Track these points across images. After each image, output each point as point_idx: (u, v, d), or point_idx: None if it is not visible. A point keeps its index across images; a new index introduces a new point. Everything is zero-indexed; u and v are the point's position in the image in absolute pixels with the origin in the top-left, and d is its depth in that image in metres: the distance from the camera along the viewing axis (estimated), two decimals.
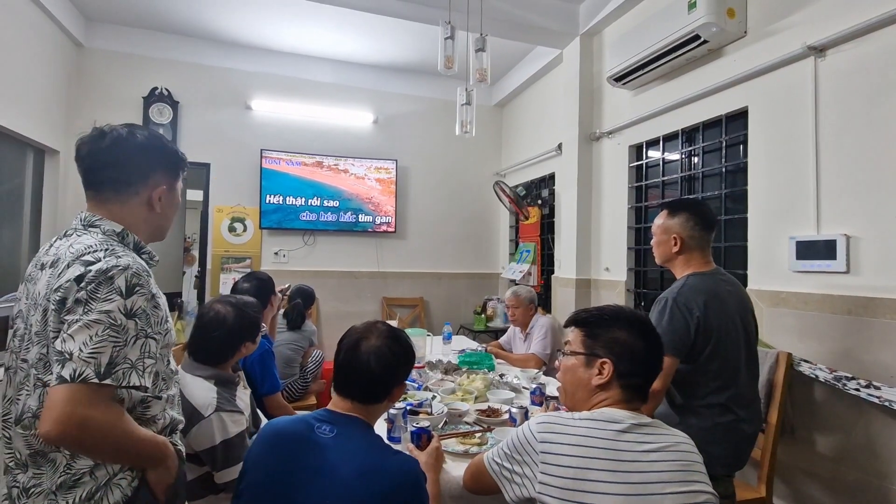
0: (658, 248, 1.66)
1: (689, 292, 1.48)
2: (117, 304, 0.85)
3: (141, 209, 1.03)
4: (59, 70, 3.57)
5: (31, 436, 0.90)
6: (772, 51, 2.18)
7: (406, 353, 1.16)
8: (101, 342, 0.83)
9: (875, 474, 1.77)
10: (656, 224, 1.67)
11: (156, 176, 1.04)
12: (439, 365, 2.43)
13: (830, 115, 1.95)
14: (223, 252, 4.21)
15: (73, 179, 3.78)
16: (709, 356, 1.45)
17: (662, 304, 1.50)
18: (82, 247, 0.91)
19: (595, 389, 1.06)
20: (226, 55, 4.19)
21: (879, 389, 1.70)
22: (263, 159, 4.23)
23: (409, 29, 3.72)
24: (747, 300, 1.62)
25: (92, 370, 0.81)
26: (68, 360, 0.81)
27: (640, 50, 2.68)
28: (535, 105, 4.43)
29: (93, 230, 0.98)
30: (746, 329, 1.55)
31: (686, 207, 1.62)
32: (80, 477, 0.89)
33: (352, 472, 0.97)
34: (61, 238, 0.99)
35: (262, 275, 2.27)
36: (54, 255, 0.94)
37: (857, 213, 1.85)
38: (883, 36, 1.78)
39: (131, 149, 1.01)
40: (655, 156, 3.00)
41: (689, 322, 1.43)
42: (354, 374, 1.09)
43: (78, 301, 0.84)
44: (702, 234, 1.58)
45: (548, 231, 4.11)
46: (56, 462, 0.89)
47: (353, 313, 4.51)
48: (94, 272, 0.86)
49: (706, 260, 1.60)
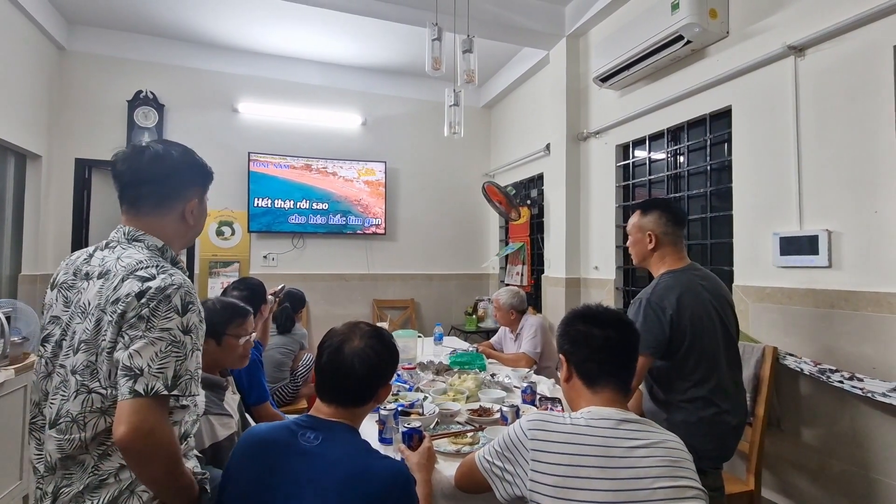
0: (634, 248, 1.72)
1: (663, 291, 1.52)
2: (176, 322, 0.93)
3: (176, 223, 1.09)
4: (41, 73, 3.51)
5: (66, 440, 0.92)
6: (753, 51, 2.22)
7: (391, 353, 1.13)
8: (166, 357, 0.90)
9: (859, 464, 1.81)
10: (631, 224, 1.74)
11: (190, 191, 1.10)
12: (431, 366, 2.43)
13: (811, 113, 1.99)
14: (211, 256, 4.16)
15: (55, 184, 3.72)
16: (686, 351, 1.48)
17: (637, 305, 1.55)
18: (133, 261, 0.97)
19: (573, 390, 1.10)
20: (212, 58, 4.16)
21: (862, 381, 1.73)
22: (251, 162, 4.20)
23: (396, 31, 3.72)
24: (725, 293, 1.64)
25: (161, 383, 0.89)
26: (140, 375, 0.88)
27: (625, 50, 2.72)
28: (523, 106, 4.45)
29: (137, 244, 1.02)
30: (724, 322, 1.57)
31: (657, 206, 1.69)
32: (105, 477, 0.93)
33: (339, 479, 0.95)
34: (102, 249, 1.03)
35: (253, 281, 2.23)
36: (100, 267, 0.98)
37: (837, 208, 1.89)
38: (860, 35, 1.82)
39: (169, 166, 1.05)
40: (642, 155, 3.04)
41: (662, 320, 1.47)
42: (339, 377, 1.07)
43: (141, 318, 0.90)
44: (674, 229, 1.64)
45: (537, 231, 4.13)
46: (85, 463, 0.93)
47: (343, 316, 4.48)
48: (154, 290, 0.92)
49: (680, 255, 1.65)
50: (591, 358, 1.07)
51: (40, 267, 3.57)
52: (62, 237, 3.75)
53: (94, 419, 0.92)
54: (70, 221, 3.78)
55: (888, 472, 1.73)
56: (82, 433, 0.92)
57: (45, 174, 3.61)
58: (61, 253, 3.66)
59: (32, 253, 3.53)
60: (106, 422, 0.93)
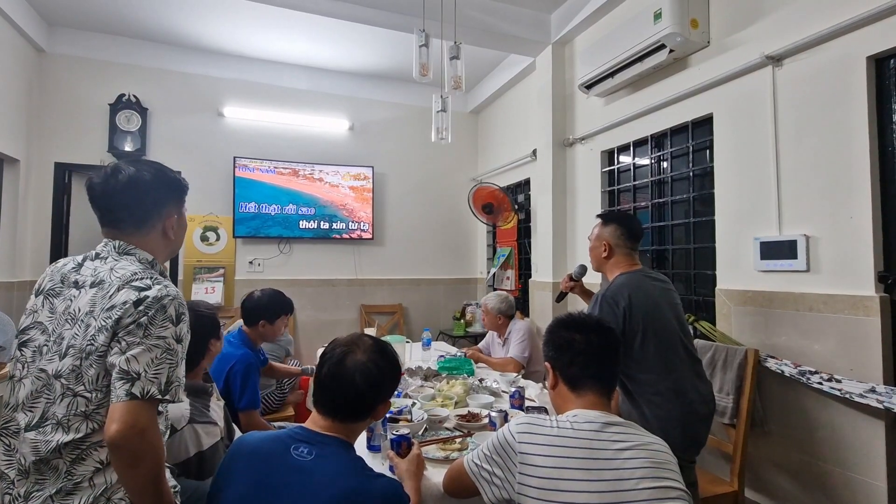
0: (591, 253, 1.88)
1: (616, 288, 1.67)
2: (171, 332, 0.97)
3: (158, 239, 1.12)
4: (19, 76, 3.44)
5: (43, 442, 0.93)
6: (733, 60, 2.27)
7: (393, 369, 1.12)
8: (161, 364, 0.94)
9: (839, 464, 1.85)
10: (592, 231, 1.89)
11: (167, 208, 1.12)
12: (419, 371, 2.42)
13: (788, 121, 2.04)
14: (195, 262, 4.10)
15: (33, 190, 3.64)
16: (642, 340, 1.59)
17: (594, 301, 1.72)
18: (128, 273, 1.00)
19: (559, 396, 1.13)
20: (197, 61, 4.11)
21: (840, 382, 1.78)
22: (236, 167, 4.15)
23: (383, 36, 3.72)
24: (673, 292, 1.76)
25: (156, 388, 0.93)
26: (136, 379, 0.91)
27: (610, 58, 2.77)
28: (510, 112, 4.49)
29: (129, 257, 1.05)
30: (678, 317, 1.70)
31: (616, 220, 1.84)
32: (79, 481, 0.93)
33: (333, 497, 0.93)
34: (93, 260, 1.05)
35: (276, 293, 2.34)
36: (93, 276, 1.01)
37: (815, 214, 1.94)
38: (835, 46, 1.88)
39: (143, 189, 1.07)
40: (627, 161, 3.08)
41: (615, 312, 1.61)
42: (339, 390, 1.04)
43: (139, 325, 0.94)
44: (627, 242, 1.78)
45: (524, 235, 4.16)
46: (58, 468, 0.93)
47: (330, 322, 4.45)
48: (151, 299, 0.96)
49: (632, 262, 1.78)
50: (573, 362, 1.11)
51: (18, 274, 3.48)
52: (41, 243, 3.65)
53: (77, 423, 0.94)
54: (49, 227, 3.68)
55: (866, 470, 1.77)
56: (64, 435, 0.93)
57: (23, 179, 3.52)
58: (40, 259, 3.58)
59: (10, 260, 3.44)
60: (87, 426, 0.94)
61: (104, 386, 0.94)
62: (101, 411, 0.94)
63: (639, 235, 1.81)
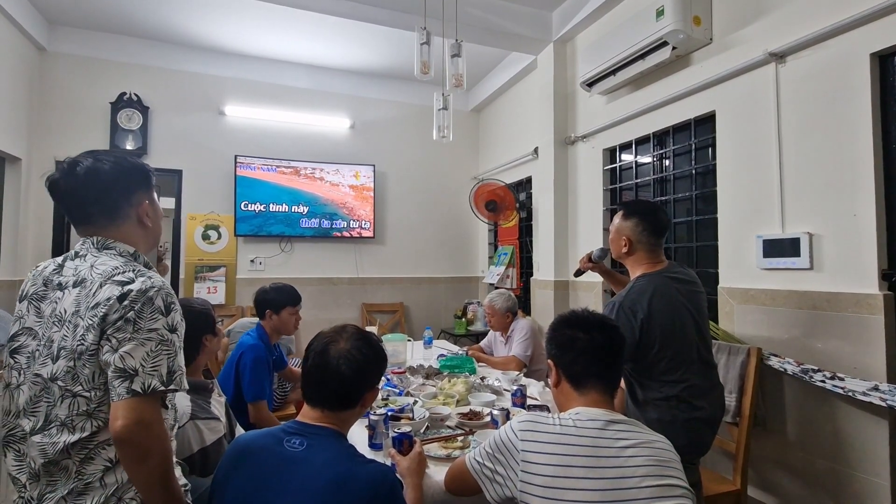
0: (612, 245, 1.75)
1: (635, 295, 1.55)
2: (162, 323, 0.95)
3: (136, 229, 1.08)
4: (20, 74, 3.44)
5: (50, 444, 0.92)
6: (736, 57, 2.26)
7: (377, 355, 1.13)
8: (158, 356, 0.93)
9: (842, 462, 1.84)
10: (612, 222, 1.75)
11: (136, 195, 1.09)
12: (420, 370, 2.42)
13: (791, 118, 2.03)
14: (197, 260, 4.10)
15: (35, 188, 3.64)
16: (657, 352, 1.51)
17: (610, 307, 1.58)
18: (109, 268, 0.97)
19: (562, 394, 1.12)
20: (198, 60, 4.11)
21: (843, 381, 1.77)
22: (238, 166, 4.15)
23: (384, 34, 3.72)
24: (699, 294, 1.66)
25: (157, 380, 0.92)
26: (135, 375, 0.90)
27: (612, 56, 2.76)
28: (512, 110, 4.48)
29: (109, 252, 1.03)
30: (698, 323, 1.60)
31: (638, 213, 1.67)
32: (90, 481, 0.92)
33: (324, 484, 0.94)
34: (73, 259, 1.03)
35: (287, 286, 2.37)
36: (75, 276, 0.99)
37: (818, 211, 1.93)
38: (838, 42, 1.87)
39: (106, 179, 1.03)
40: (629, 159, 3.07)
41: (632, 324, 1.50)
42: (324, 379, 1.06)
43: (127, 320, 0.92)
44: (650, 238, 1.64)
45: (526, 234, 4.15)
46: (68, 469, 0.93)
47: (332, 320, 4.40)
48: (136, 292, 0.94)
49: (657, 259, 1.65)
50: (576, 360, 1.10)
51: (19, 272, 3.48)
52: (42, 242, 3.66)
53: (81, 422, 0.93)
54: (51, 225, 3.70)
55: (869, 468, 1.76)
56: (70, 435, 0.92)
57: (24, 177, 3.53)
58: (42, 258, 3.54)
59: (12, 258, 3.44)
60: (92, 425, 0.93)
61: (102, 384, 0.92)
62: (103, 409, 0.93)
63: (664, 230, 1.66)
